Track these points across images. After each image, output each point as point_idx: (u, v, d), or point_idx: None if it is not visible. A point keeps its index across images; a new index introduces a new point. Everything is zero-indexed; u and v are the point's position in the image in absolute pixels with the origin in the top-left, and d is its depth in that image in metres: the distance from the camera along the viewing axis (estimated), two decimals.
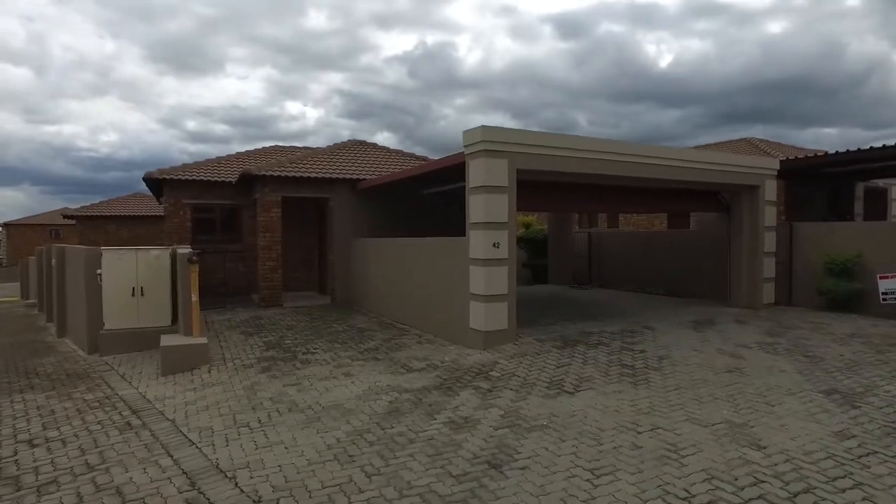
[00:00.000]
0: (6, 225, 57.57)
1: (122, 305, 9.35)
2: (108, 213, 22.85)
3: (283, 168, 13.10)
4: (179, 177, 13.57)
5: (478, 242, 8.04)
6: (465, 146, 8.30)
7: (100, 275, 9.36)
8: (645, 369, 6.93)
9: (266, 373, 7.40)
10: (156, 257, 9.65)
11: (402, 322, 10.59)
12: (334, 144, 16.10)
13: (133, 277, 9.47)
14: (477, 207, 8.05)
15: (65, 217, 23.00)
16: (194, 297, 8.22)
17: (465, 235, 8.39)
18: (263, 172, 12.60)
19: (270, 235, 12.95)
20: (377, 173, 13.65)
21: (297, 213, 14.88)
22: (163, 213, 14.18)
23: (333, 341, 9.20)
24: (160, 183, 13.72)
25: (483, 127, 7.86)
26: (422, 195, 13.10)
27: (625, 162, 9.00)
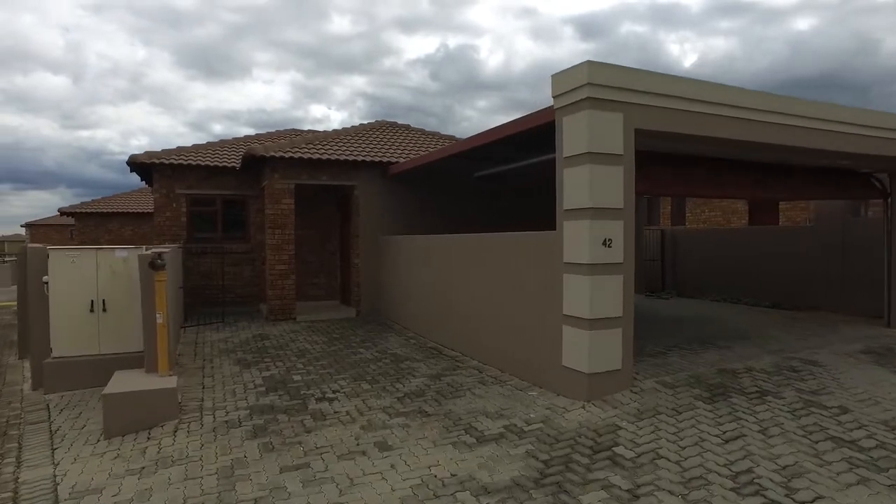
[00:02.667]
0: (29, 225, 56.81)
1: (76, 325, 6.87)
2: (109, 210, 20.63)
3: (296, 148, 10.55)
4: (172, 161, 11.12)
5: (578, 238, 5.33)
6: (555, 97, 5.60)
7: (46, 283, 6.91)
8: (880, 449, 4.14)
9: (258, 438, 4.80)
10: (123, 260, 7.12)
11: (452, 347, 7.92)
12: (360, 125, 13.53)
13: (92, 287, 6.98)
14: (577, 186, 5.35)
15: (62, 214, 20.92)
16: (160, 318, 5.66)
17: (543, 229, 5.71)
18: (272, 153, 10.06)
19: (281, 232, 10.40)
20: (411, 157, 11.01)
21: (314, 206, 12.33)
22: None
23: (359, 378, 6.57)
24: (149, 169, 11.28)
25: (590, 63, 5.15)
26: (472, 182, 10.45)
27: (787, 126, 6.19)
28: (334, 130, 12.42)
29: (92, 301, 6.94)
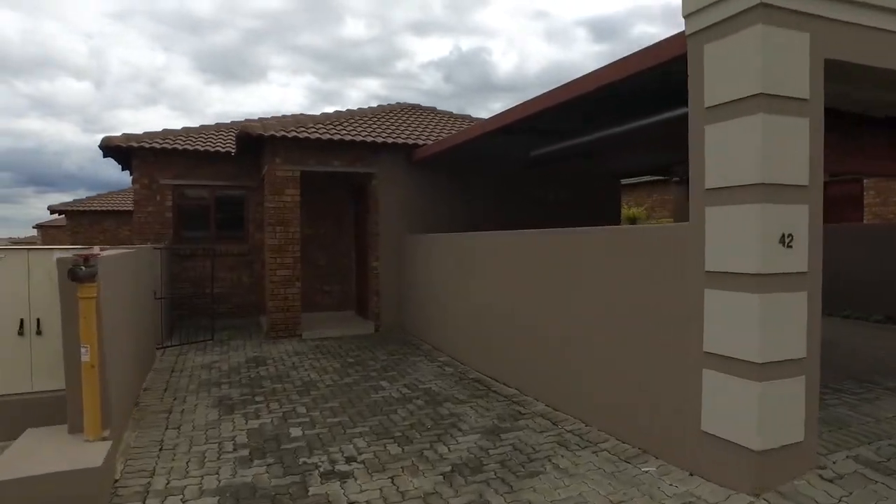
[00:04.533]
0: (40, 226, 56.03)
1: None
2: (104, 208, 18.94)
3: (301, 128, 8.67)
4: (155, 145, 9.28)
5: (736, 233, 3.34)
6: (690, 16, 3.62)
7: None
8: None
9: None
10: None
11: (505, 381, 5.96)
12: (378, 106, 11.63)
13: (22, 301, 5.18)
14: (735, 150, 3.36)
15: (52, 212, 19.28)
16: (86, 355, 3.75)
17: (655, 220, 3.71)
18: (272, 132, 8.18)
19: (283, 230, 8.51)
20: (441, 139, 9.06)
21: (325, 198, 10.46)
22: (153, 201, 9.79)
23: (384, 433, 4.62)
24: (127, 154, 9.45)
25: None
26: (523, 167, 8.53)
27: None
28: (348, 111, 10.53)
29: (21, 320, 5.12)
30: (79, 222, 18.90)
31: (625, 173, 10.90)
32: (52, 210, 19.01)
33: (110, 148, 9.00)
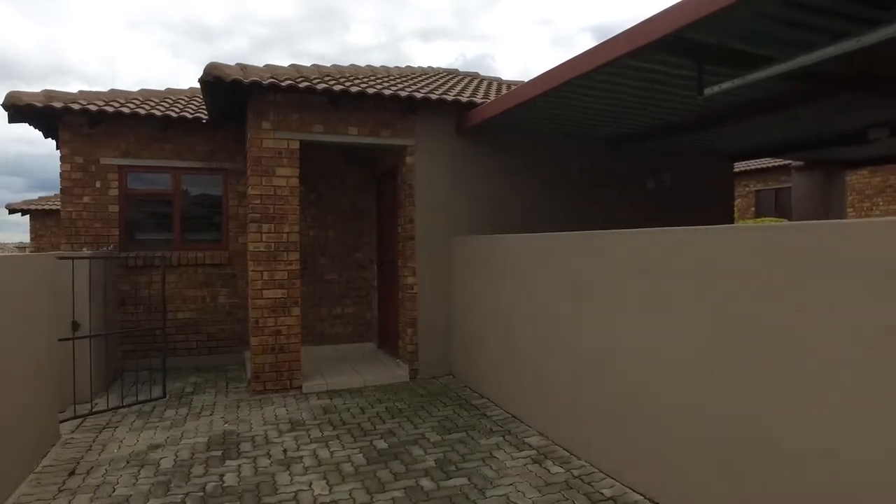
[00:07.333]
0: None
1: None
2: None
3: (302, 78, 5.82)
4: (92, 107, 6.40)
5: None
6: None
7: None
8: None
9: None
10: None
11: None
12: (407, 67, 8.73)
13: None
14: None
15: (11, 211, 16.47)
16: None
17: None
18: (256, 79, 5.30)
19: (274, 229, 5.63)
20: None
21: (336, 184, 7.60)
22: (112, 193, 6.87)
23: None
24: (54, 122, 6.57)
25: None
26: (610, 145, 5.71)
27: None
28: (368, 66, 7.63)
29: None
30: (44, 223, 16.11)
31: (755, 150, 8.00)
32: (12, 209, 16.15)
33: (19, 109, 6.08)
